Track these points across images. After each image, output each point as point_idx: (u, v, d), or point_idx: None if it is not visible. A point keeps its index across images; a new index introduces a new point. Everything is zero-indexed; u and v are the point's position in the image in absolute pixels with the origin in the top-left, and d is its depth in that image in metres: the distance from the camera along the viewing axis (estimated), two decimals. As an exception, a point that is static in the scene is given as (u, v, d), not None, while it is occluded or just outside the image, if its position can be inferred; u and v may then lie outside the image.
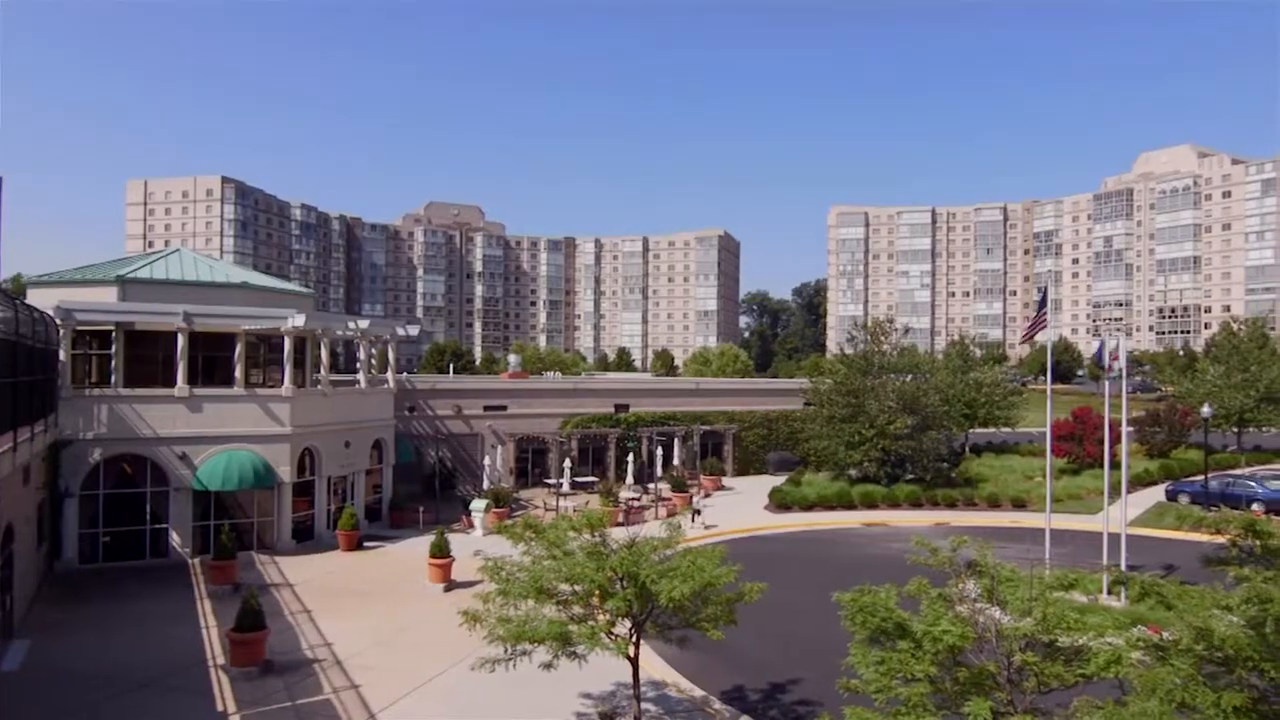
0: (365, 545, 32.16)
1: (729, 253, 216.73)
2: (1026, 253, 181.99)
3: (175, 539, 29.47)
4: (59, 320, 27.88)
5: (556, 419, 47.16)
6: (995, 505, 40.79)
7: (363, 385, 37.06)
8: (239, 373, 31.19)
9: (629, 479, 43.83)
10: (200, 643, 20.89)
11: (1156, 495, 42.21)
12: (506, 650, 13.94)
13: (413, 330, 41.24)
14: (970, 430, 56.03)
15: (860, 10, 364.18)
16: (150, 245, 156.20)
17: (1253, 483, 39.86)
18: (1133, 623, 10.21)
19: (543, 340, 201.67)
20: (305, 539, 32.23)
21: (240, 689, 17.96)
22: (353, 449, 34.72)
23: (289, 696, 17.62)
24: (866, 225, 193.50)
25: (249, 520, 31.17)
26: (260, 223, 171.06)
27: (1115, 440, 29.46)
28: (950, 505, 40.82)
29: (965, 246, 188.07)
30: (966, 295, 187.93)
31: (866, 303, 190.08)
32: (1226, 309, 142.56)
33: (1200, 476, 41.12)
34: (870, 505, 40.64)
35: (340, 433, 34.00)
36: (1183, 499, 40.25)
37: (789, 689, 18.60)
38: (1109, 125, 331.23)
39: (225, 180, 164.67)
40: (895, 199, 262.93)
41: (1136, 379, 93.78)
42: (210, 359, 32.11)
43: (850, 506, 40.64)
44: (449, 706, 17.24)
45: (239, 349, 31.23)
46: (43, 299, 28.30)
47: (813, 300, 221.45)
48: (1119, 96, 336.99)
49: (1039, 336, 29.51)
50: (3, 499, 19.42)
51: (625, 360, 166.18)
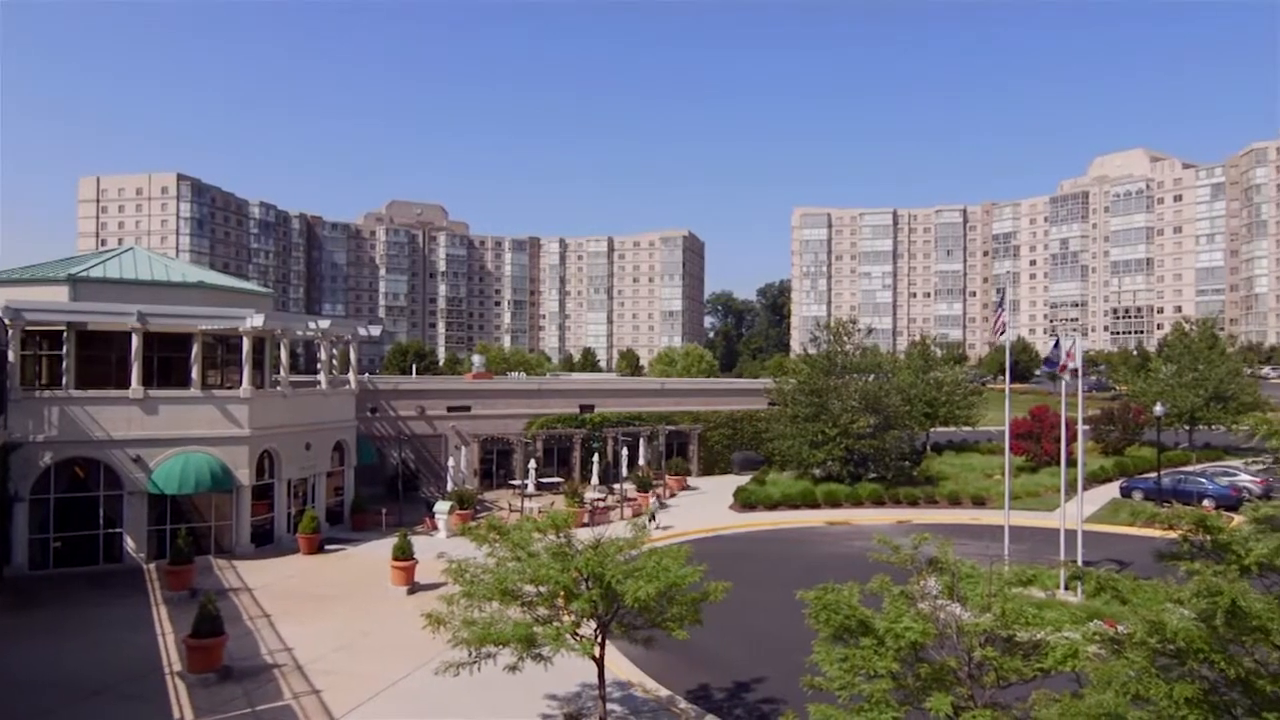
0: (327, 548, 31.71)
1: (694, 253, 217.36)
2: (986, 254, 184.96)
3: (130, 544, 28.82)
4: (7, 320, 27.18)
5: (521, 420, 46.92)
6: (956, 503, 41.39)
7: (324, 386, 36.55)
8: (196, 374, 30.62)
9: (594, 479, 43.76)
10: (156, 649, 20.45)
11: (1111, 492, 43.13)
12: (471, 653, 13.84)
13: (375, 330, 40.78)
14: (931, 429, 56.82)
15: (822, 12, 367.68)
16: (103, 243, 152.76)
17: (1203, 479, 40.93)
18: (1089, 617, 10.40)
19: (507, 341, 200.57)
20: (265, 543, 31.70)
21: (197, 696, 17.61)
22: (313, 451, 34.24)
23: (248, 703, 17.32)
24: (829, 226, 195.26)
25: (206, 524, 30.56)
26: (217, 221, 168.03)
27: (1072, 438, 30.07)
28: (912, 503, 41.34)
29: (926, 248, 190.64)
30: (927, 296, 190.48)
31: (830, 303, 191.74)
32: (1178, 309, 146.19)
33: (1153, 473, 42.08)
34: (834, 504, 41.00)
35: (300, 434, 33.50)
36: (1136, 495, 41.17)
37: (754, 687, 18.69)
38: (1065, 129, 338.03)
39: (181, 177, 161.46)
40: (857, 200, 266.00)
41: (1092, 378, 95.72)
42: (166, 360, 31.48)
43: (814, 505, 40.97)
44: (412, 711, 17.06)
45: (196, 349, 30.65)
46: (-10, 298, 27.54)
47: (777, 300, 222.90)
48: (1075, 100, 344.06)
49: (1000, 335, 29.98)
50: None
51: (590, 361, 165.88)
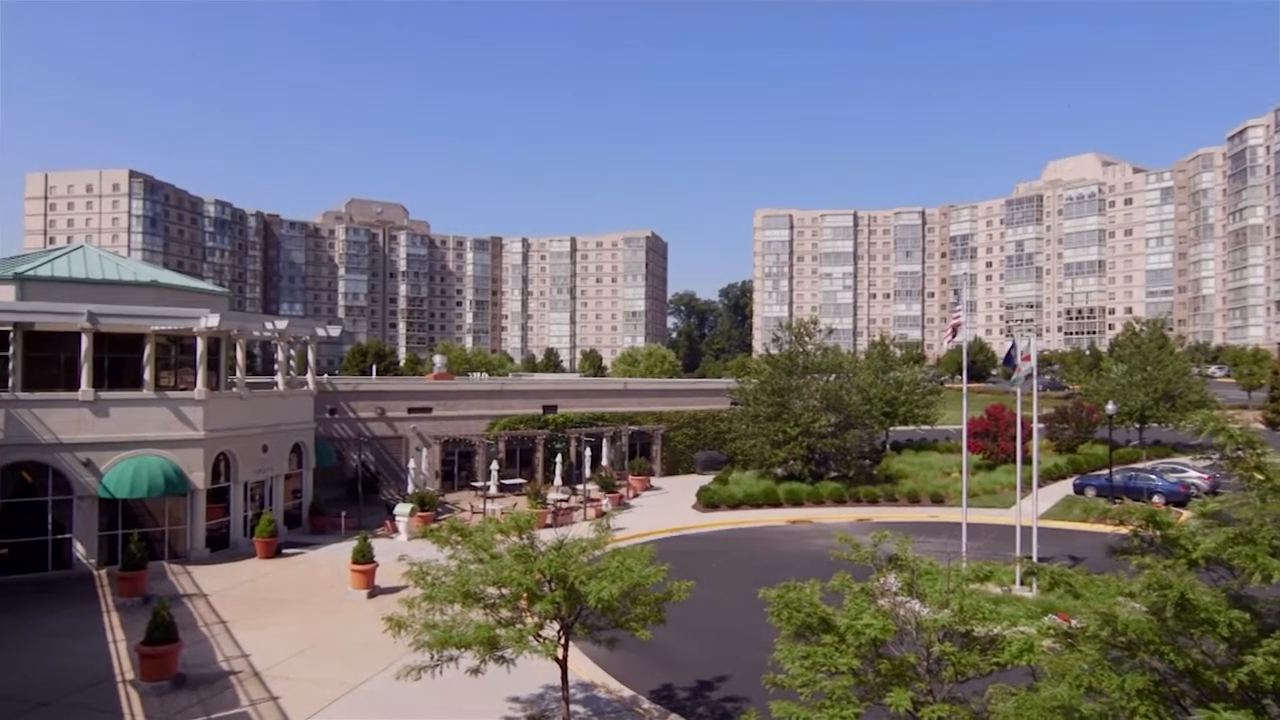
0: (284, 552, 31.22)
1: (657, 254, 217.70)
2: (944, 255, 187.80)
3: (80, 550, 28.10)
4: (-50, 320, 26.31)
5: (483, 421, 46.61)
6: (915, 501, 41.96)
7: (281, 387, 35.97)
8: (149, 375, 29.95)
9: (557, 480, 43.63)
10: (108, 657, 19.95)
11: (1065, 489, 44.05)
12: (432, 656, 13.71)
13: (334, 331, 40.24)
14: (891, 428, 57.52)
15: (783, 12, 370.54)
16: (52, 242, 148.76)
17: (1153, 476, 42.00)
18: (1044, 612, 10.59)
19: (469, 341, 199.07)
20: (220, 547, 31.11)
21: (150, 705, 17.21)
22: (271, 453, 33.68)
23: (203, 711, 16.98)
24: (791, 228, 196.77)
25: (160, 529, 29.90)
26: (171, 219, 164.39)
27: (1027, 437, 30.63)
28: (872, 501, 41.82)
29: (885, 249, 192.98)
30: (887, 297, 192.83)
31: (791, 304, 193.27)
32: (1129, 310, 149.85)
33: (1105, 471, 43.07)
34: (796, 503, 41.33)
35: (257, 436, 32.93)
36: (1089, 492, 42.12)
37: (717, 686, 18.77)
38: (1021, 133, 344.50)
39: (133, 174, 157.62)
40: (818, 202, 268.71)
41: (1046, 378, 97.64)
42: (118, 361, 30.74)
43: (776, 504, 41.26)
44: (373, 716, 16.85)
45: (148, 350, 29.99)
46: (-69, 298, 26.67)
47: (739, 301, 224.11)
48: (1030, 104, 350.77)
49: (957, 337, 30.46)
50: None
51: (553, 361, 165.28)
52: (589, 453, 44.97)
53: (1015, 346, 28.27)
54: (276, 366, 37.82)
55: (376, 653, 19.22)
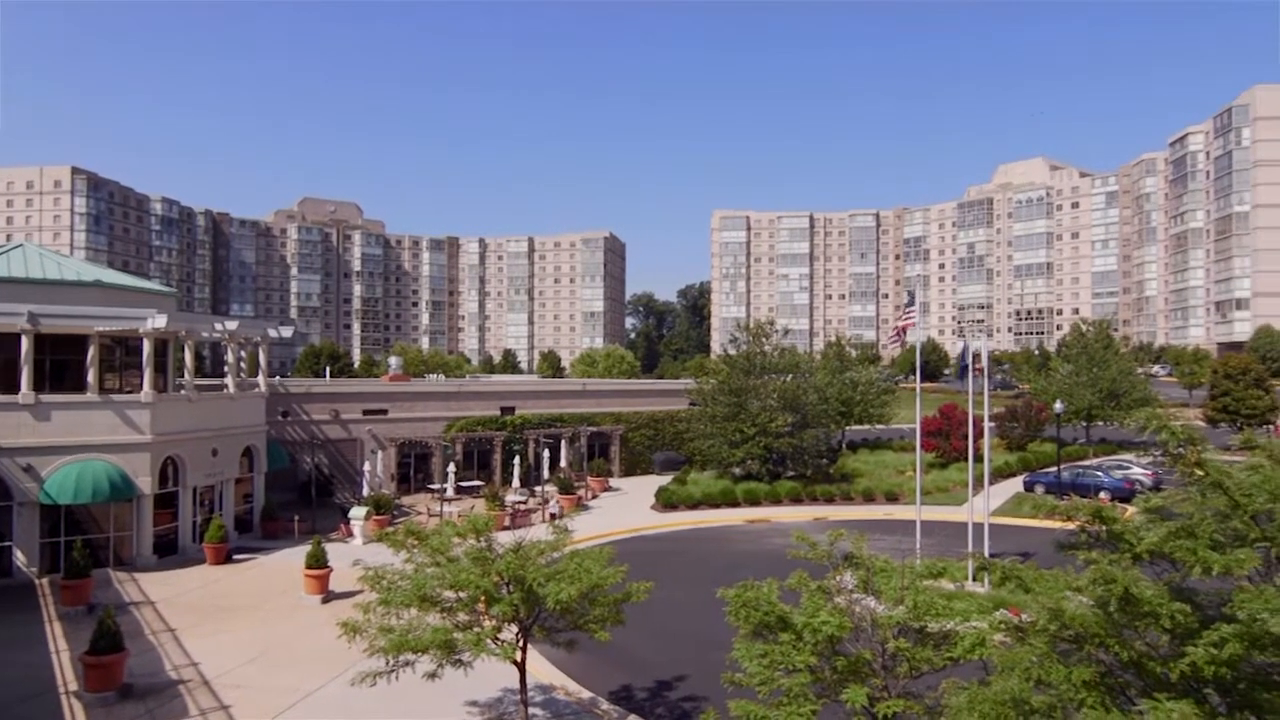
0: (235, 558, 30.60)
1: (615, 254, 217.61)
2: (897, 257, 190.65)
3: (20, 557, 27.24)
4: (-120, 321, 25.33)
5: (440, 422, 46.16)
6: (870, 499, 42.51)
7: (231, 390, 35.23)
8: (92, 377, 29.14)
9: (515, 482, 43.37)
10: (50, 668, 19.36)
11: (1016, 486, 44.98)
12: (388, 661, 13.55)
13: (286, 332, 39.52)
14: (847, 427, 58.25)
15: (738, 14, 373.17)
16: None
17: (1099, 473, 43.06)
18: (995, 607, 10.80)
19: (425, 342, 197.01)
20: (169, 553, 30.39)
21: (95, 716, 16.75)
22: (221, 457, 32.98)
23: (151, 721, 16.56)
24: (748, 229, 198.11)
25: (105, 535, 29.12)
26: (116, 217, 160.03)
27: (979, 435, 31.20)
28: (829, 500, 42.28)
29: (841, 251, 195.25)
30: (842, 298, 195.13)
31: (748, 304, 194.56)
32: (1076, 311, 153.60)
33: (1054, 468, 44.08)
34: (753, 502, 41.61)
35: (207, 440, 32.23)
36: (1038, 489, 43.03)
37: (676, 686, 18.82)
38: (973, 135, 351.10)
39: (76, 171, 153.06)
40: (775, 204, 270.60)
41: (997, 377, 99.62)
42: (60, 363, 29.90)
43: (734, 504, 41.50)
44: (327, 722, 16.59)
45: (92, 352, 29.18)
46: None
47: (697, 302, 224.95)
48: (981, 107, 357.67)
49: (909, 337, 30.92)
50: None
51: (511, 362, 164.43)
52: (547, 454, 44.81)
53: (967, 350, 28.83)
54: (227, 368, 37.05)
55: (331, 659, 18.92)
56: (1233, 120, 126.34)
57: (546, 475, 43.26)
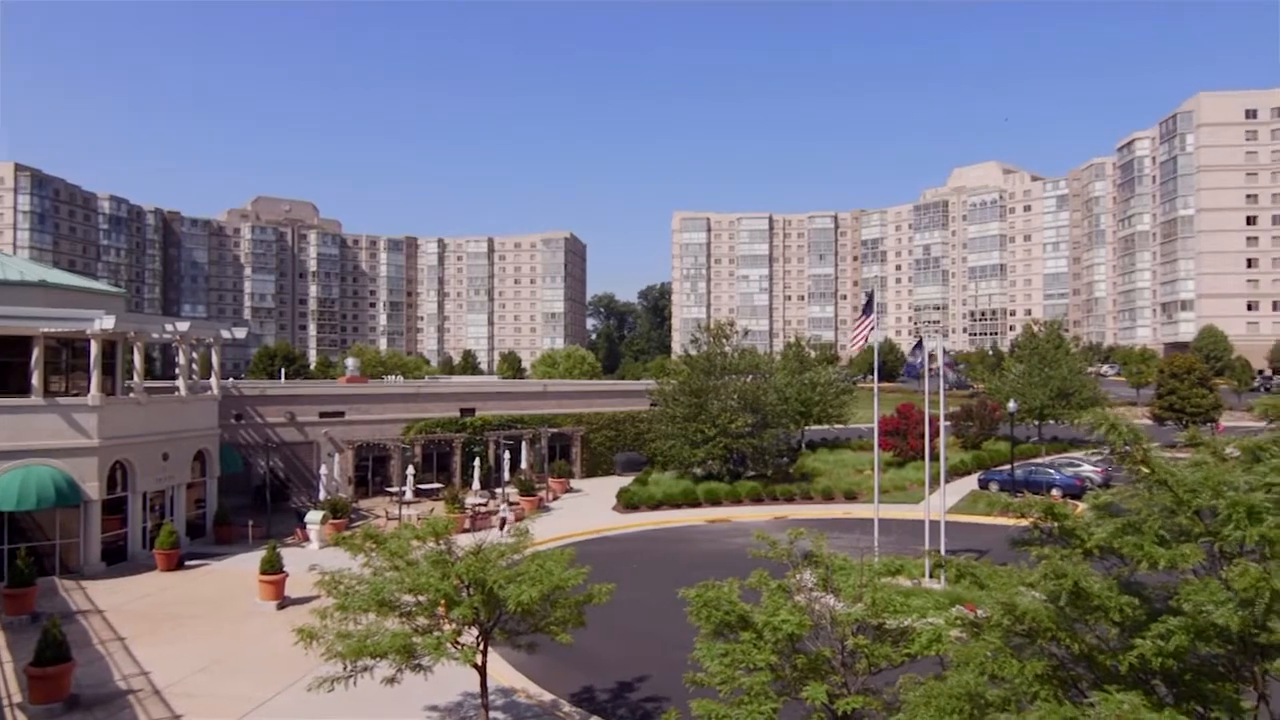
0: (187, 564, 29.93)
1: (576, 255, 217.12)
2: (855, 259, 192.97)
3: (-41, 567, 26.32)
4: None
5: (399, 424, 45.64)
6: (829, 498, 42.93)
7: (183, 392, 34.47)
8: (37, 380, 28.29)
9: (475, 484, 43.04)
10: (-9, 681, 18.75)
11: (971, 484, 45.76)
12: (346, 667, 13.36)
13: (239, 333, 38.75)
14: (806, 427, 58.74)
15: (697, 14, 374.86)
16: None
17: (1051, 470, 43.99)
18: (951, 603, 10.98)
19: (383, 343, 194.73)
20: (118, 560, 29.63)
21: (40, 729, 16.25)
22: (172, 461, 32.26)
23: (99, 733, 16.13)
24: (708, 230, 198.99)
25: (50, 542, 28.29)
26: (62, 215, 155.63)
27: (935, 434, 31.69)
28: (789, 499, 42.61)
29: (800, 252, 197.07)
30: (802, 299, 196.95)
31: (709, 305, 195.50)
32: (1028, 312, 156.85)
33: (1008, 466, 44.90)
34: (714, 502, 41.79)
35: (157, 444, 31.49)
36: (993, 486, 43.82)
37: (637, 687, 18.82)
38: (929, 138, 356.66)
39: (19, 168, 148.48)
40: (735, 205, 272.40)
41: (952, 377, 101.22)
42: (2, 365, 29.05)
43: (695, 504, 41.64)
44: (283, 730, 16.31)
45: (37, 354, 28.33)
46: None
47: (658, 303, 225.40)
48: (936, 111, 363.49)
49: (868, 341, 31.28)
50: None
51: (471, 363, 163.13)
52: (508, 456, 44.52)
53: (920, 350, 29.29)
54: (178, 370, 36.24)
55: (287, 666, 18.59)
56: (1178, 126, 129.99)
57: (507, 477, 42.97)
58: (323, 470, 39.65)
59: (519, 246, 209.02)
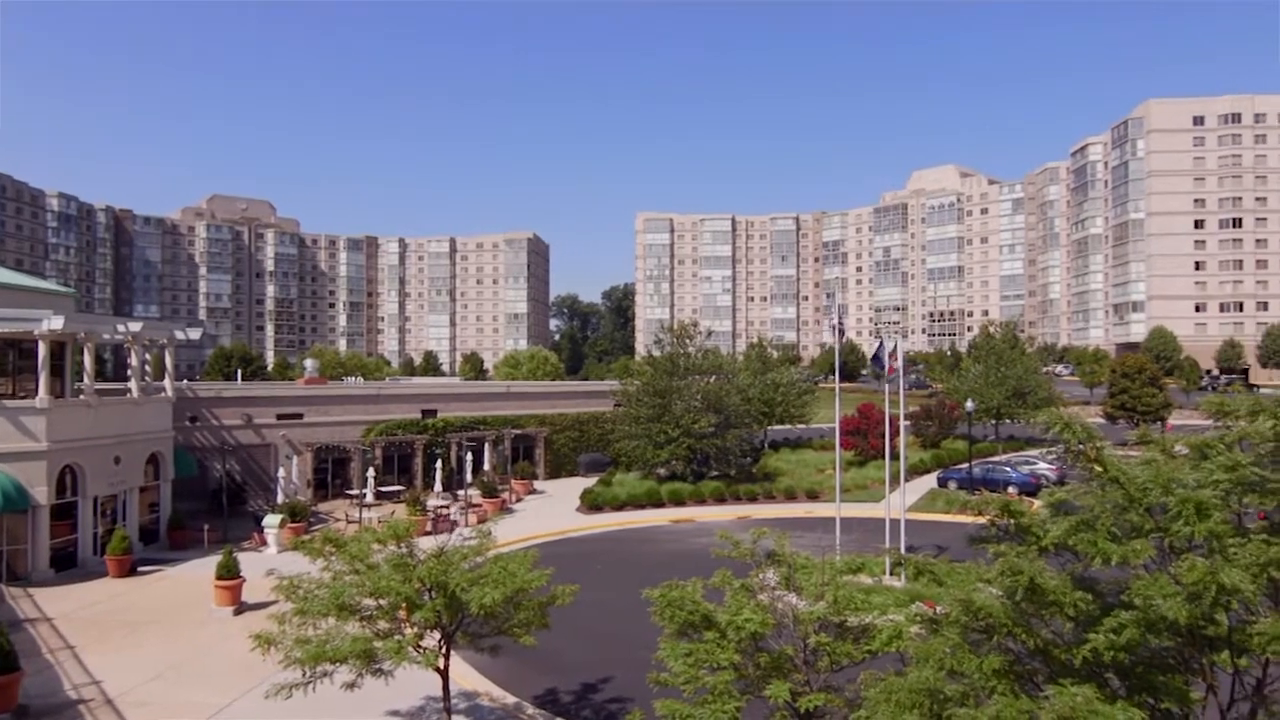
0: (140, 570, 29.24)
1: (539, 255, 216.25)
2: (817, 260, 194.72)
3: (-100, 575, 25.48)
4: None
5: (359, 426, 45.07)
6: (792, 497, 43.26)
7: (135, 394, 33.68)
8: (-18, 382, 27.47)
9: (437, 486, 42.67)
10: (-67, 693, 18.13)
11: (930, 482, 46.41)
12: (305, 673, 13.15)
13: (194, 333, 37.99)
14: (769, 427, 59.15)
15: (657, 14, 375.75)
16: None
17: (1008, 468, 44.81)
18: (911, 600, 11.12)
19: (343, 344, 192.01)
20: (67, 567, 28.86)
21: (-15, 742, 15.79)
22: (124, 465, 31.51)
23: (47, 745, 15.70)
24: (672, 231, 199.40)
25: (-4, 549, 27.47)
26: (8, 213, 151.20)
27: (895, 433, 32.10)
28: (752, 499, 42.86)
29: (763, 253, 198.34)
30: (764, 300, 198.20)
31: (673, 306, 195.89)
32: (985, 313, 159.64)
33: (966, 464, 45.63)
34: (678, 502, 41.89)
35: (108, 447, 30.75)
36: (951, 485, 44.51)
37: (601, 688, 18.80)
38: (889, 140, 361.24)
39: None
40: (698, 206, 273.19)
41: (911, 377, 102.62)
42: (-55, 367, 28.10)
43: (659, 504, 41.70)
44: (240, 738, 16.02)
45: (-18, 355, 27.52)
46: None
47: (622, 303, 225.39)
48: (895, 113, 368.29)
49: (829, 339, 31.61)
50: None
51: (433, 364, 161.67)
52: (470, 457, 44.20)
53: (883, 347, 29.64)
54: (130, 372, 35.42)
55: (244, 672, 18.27)
56: (1129, 132, 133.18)
57: (470, 479, 42.67)
58: (281, 473, 39.01)
59: (481, 247, 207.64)
